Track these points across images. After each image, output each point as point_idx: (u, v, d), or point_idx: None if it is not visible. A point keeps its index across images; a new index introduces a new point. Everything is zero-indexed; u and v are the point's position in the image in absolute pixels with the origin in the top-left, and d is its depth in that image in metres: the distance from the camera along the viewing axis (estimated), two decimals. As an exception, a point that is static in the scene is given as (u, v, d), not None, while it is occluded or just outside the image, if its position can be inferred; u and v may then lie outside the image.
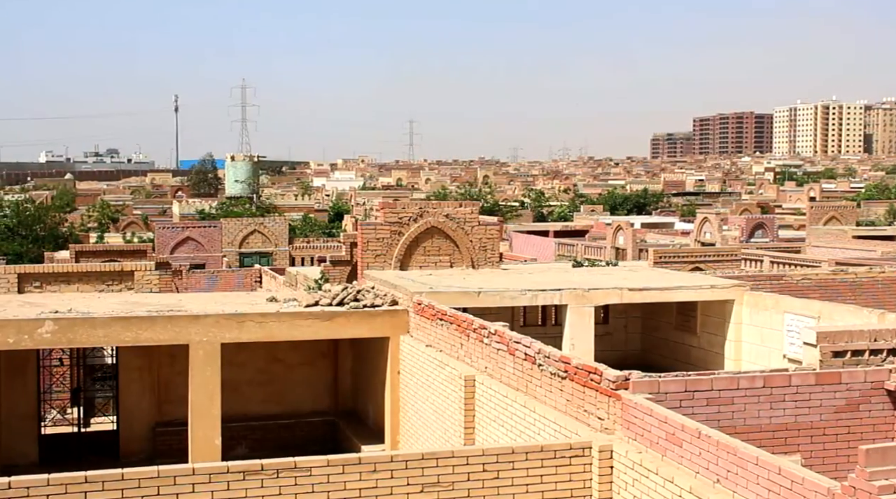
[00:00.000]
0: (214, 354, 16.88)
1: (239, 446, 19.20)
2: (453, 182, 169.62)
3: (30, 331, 16.24)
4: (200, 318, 16.92)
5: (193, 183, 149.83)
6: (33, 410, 18.99)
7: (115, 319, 16.69)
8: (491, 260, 21.55)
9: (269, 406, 20.17)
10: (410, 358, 17.01)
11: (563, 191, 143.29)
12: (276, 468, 9.89)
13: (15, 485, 9.26)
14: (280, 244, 55.32)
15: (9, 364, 17.77)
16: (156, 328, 16.72)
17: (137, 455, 19.09)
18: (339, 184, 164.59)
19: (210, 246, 53.84)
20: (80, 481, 9.45)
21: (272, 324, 17.22)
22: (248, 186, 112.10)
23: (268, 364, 20.14)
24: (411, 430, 16.86)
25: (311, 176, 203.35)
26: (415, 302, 17.21)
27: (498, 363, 13.79)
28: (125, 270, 20.74)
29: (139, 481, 9.60)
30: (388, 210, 21.29)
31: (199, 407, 16.80)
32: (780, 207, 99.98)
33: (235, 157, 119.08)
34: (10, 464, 17.29)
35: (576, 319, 18.16)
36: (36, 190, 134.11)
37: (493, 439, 13.39)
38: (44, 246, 56.08)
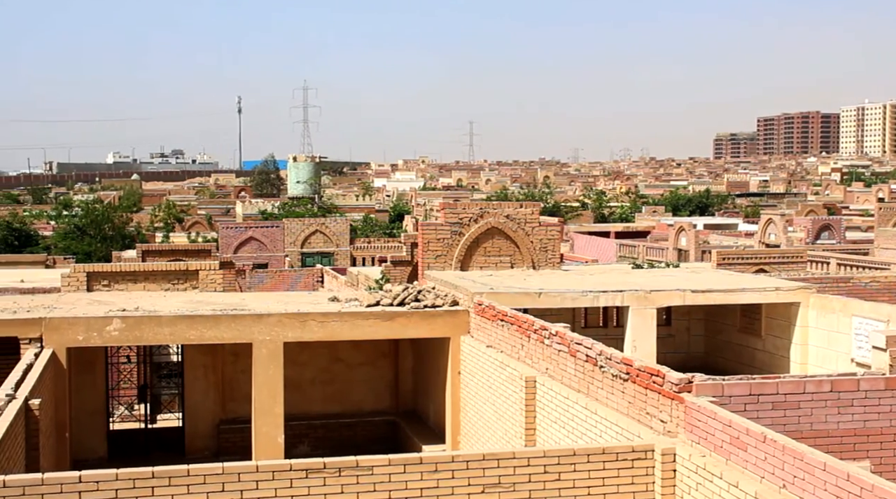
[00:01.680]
0: (277, 353, 17.07)
1: (301, 444, 19.39)
2: (513, 183, 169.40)
3: (99, 329, 16.58)
4: (263, 317, 17.12)
5: (256, 183, 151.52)
6: (102, 406, 19.36)
7: (181, 318, 16.95)
8: (551, 261, 21.48)
9: (331, 405, 20.33)
10: (471, 359, 17.02)
11: (625, 192, 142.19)
12: (338, 467, 9.97)
13: (85, 479, 9.46)
14: (341, 244, 55.73)
15: (79, 361, 18.14)
16: (220, 327, 16.95)
17: (202, 452, 19.36)
18: (400, 184, 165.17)
19: (272, 246, 54.43)
20: (148, 476, 9.62)
21: (334, 323, 17.35)
22: (309, 187, 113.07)
23: (329, 363, 20.30)
24: (472, 430, 16.87)
25: (372, 177, 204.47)
26: (475, 303, 17.22)
27: (559, 365, 13.74)
28: (190, 269, 21.00)
29: (204, 477, 9.74)
30: (449, 211, 21.32)
31: (262, 405, 17.01)
32: (847, 208, 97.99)
33: (297, 158, 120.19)
34: (80, 459, 17.66)
35: (638, 320, 18.02)
36: (104, 190, 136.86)
37: (554, 440, 13.35)
38: (112, 245, 57.17)
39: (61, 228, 67.56)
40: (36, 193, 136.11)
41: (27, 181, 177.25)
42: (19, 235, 61.83)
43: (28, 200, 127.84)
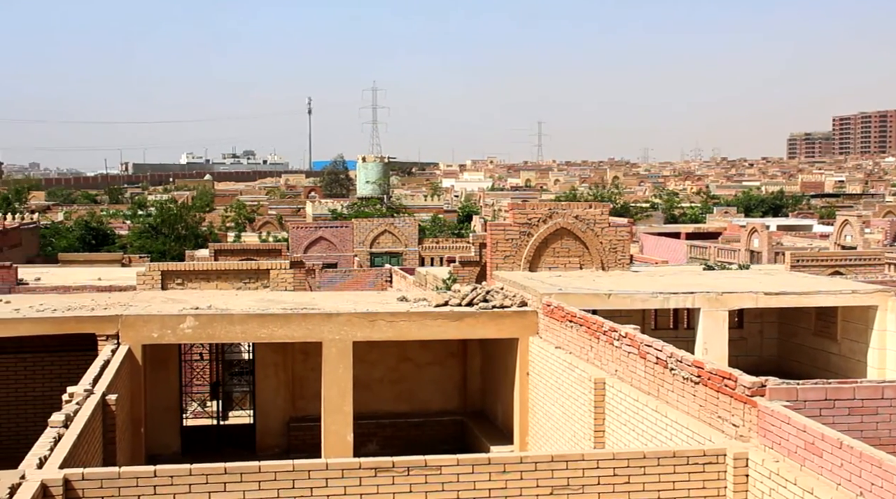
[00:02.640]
0: (346, 352, 17.21)
1: (370, 442, 19.52)
2: (582, 183, 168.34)
3: (173, 326, 16.89)
4: (333, 316, 17.27)
5: (326, 184, 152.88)
6: (176, 402, 19.71)
7: (252, 317, 17.19)
8: (621, 262, 21.31)
9: (399, 404, 20.42)
10: (539, 359, 16.97)
11: (695, 192, 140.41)
12: (406, 466, 10.02)
13: (160, 474, 9.65)
14: (410, 244, 55.96)
15: (153, 358, 18.48)
16: (290, 326, 17.15)
17: (273, 449, 19.60)
18: (468, 185, 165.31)
19: (342, 245, 54.88)
20: (220, 472, 9.78)
21: (403, 323, 17.44)
22: (378, 187, 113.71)
23: (398, 363, 20.40)
24: (540, 431, 16.81)
25: (441, 177, 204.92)
26: (544, 303, 17.15)
27: (628, 366, 13.63)
28: (261, 268, 21.28)
29: (275, 474, 9.87)
30: (518, 211, 21.27)
31: (331, 403, 17.16)
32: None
33: (366, 158, 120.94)
34: (154, 453, 18.01)
35: (709, 322, 17.79)
36: (178, 190, 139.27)
37: (623, 443, 13.24)
38: (185, 244, 58.15)
39: (136, 227, 68.91)
40: (112, 193, 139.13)
41: (104, 182, 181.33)
42: (97, 234, 63.23)
43: (105, 199, 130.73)
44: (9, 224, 47.25)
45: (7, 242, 39.61)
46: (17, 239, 43.24)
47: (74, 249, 56.54)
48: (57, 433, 11.01)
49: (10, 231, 42.83)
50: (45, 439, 10.75)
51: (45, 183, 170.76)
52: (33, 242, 49.03)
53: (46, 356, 19.30)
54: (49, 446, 10.51)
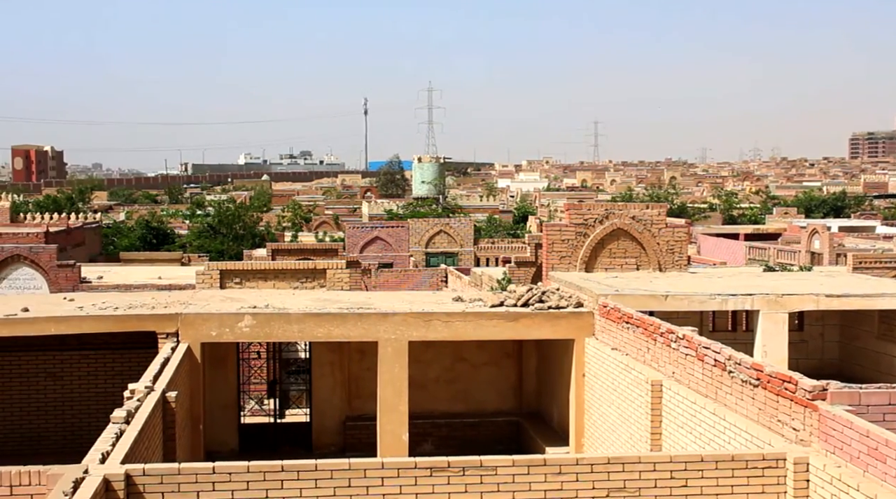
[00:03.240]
0: (402, 352, 17.27)
1: (425, 442, 19.56)
2: (639, 183, 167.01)
3: (231, 325, 17.09)
4: (389, 316, 17.34)
5: (381, 184, 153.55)
6: (234, 400, 19.94)
7: (309, 316, 17.32)
8: (678, 263, 21.11)
9: (455, 404, 20.44)
10: (595, 361, 16.87)
11: (754, 192, 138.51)
12: (462, 466, 10.03)
13: (218, 470, 9.77)
14: (465, 245, 55.96)
15: (212, 356, 18.72)
16: (346, 325, 17.26)
17: (328, 447, 19.75)
18: (524, 185, 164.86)
19: (397, 245, 55.06)
20: (277, 469, 9.87)
21: (458, 323, 17.45)
22: (434, 187, 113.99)
23: (453, 363, 20.42)
24: (596, 433, 16.72)
25: (496, 177, 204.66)
26: (600, 304, 17.06)
27: (686, 369, 13.49)
28: (318, 267, 21.43)
29: (331, 472, 9.94)
30: (574, 212, 21.18)
31: (387, 403, 17.23)
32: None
33: (422, 158, 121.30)
34: (213, 450, 18.24)
35: (768, 325, 17.53)
36: (236, 190, 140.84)
37: (680, 445, 13.11)
38: (243, 244, 58.75)
39: (195, 227, 69.83)
40: (172, 193, 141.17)
41: (164, 182, 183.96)
42: (157, 233, 64.18)
43: (165, 199, 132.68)
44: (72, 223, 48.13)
45: (71, 241, 40.39)
46: (80, 238, 44.06)
47: (135, 248, 57.47)
48: (119, 429, 11.21)
49: (73, 230, 43.65)
50: (107, 435, 10.95)
51: (108, 183, 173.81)
52: (96, 242, 49.91)
53: (108, 353, 19.66)
54: (111, 441, 10.70)
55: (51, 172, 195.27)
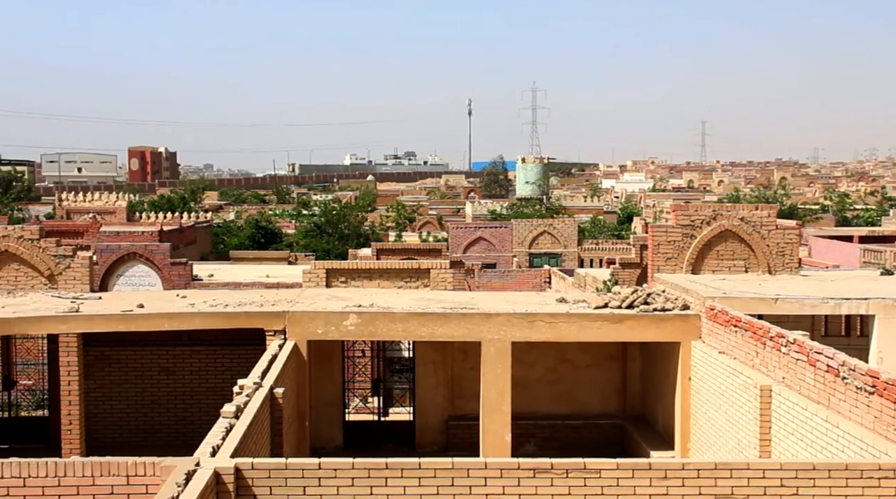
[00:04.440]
0: (505, 352, 17.27)
1: (528, 443, 19.51)
2: (747, 184, 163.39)
3: (336, 323, 17.35)
4: (492, 316, 17.36)
5: (485, 184, 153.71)
6: (339, 397, 20.24)
7: (413, 315, 17.46)
8: (789, 266, 20.57)
9: (558, 406, 20.34)
10: (702, 364, 16.57)
11: (870, 193, 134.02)
12: (565, 468, 9.96)
13: (324, 466, 9.93)
14: (569, 245, 55.65)
15: (318, 353, 19.03)
16: (450, 325, 17.34)
17: (431, 446, 19.87)
18: (629, 185, 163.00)
19: (501, 246, 55.08)
20: (382, 467, 9.97)
21: (562, 324, 17.36)
22: (537, 188, 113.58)
23: (556, 364, 20.32)
24: (702, 438, 16.42)
25: (600, 177, 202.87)
26: (707, 307, 16.75)
27: (796, 374, 13.14)
28: (422, 267, 21.57)
29: (435, 471, 9.99)
30: (680, 212, 20.84)
31: (490, 403, 17.25)
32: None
33: (526, 159, 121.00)
34: (318, 446, 18.57)
35: (885, 330, 16.93)
36: (341, 191, 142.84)
37: (790, 453, 12.78)
38: (348, 243, 59.53)
39: (302, 226, 71.06)
40: (280, 193, 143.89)
41: (272, 182, 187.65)
42: (265, 232, 65.47)
43: (273, 199, 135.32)
44: (185, 223, 49.49)
45: (183, 239, 41.54)
46: (192, 237, 45.27)
47: (245, 246, 58.73)
48: (228, 424, 11.49)
49: (185, 229, 44.88)
50: (217, 429, 11.23)
51: (218, 183, 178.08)
52: (207, 240, 51.20)
53: (218, 349, 20.19)
54: (221, 435, 10.97)
55: (165, 173, 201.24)
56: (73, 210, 55.88)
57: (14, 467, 10.04)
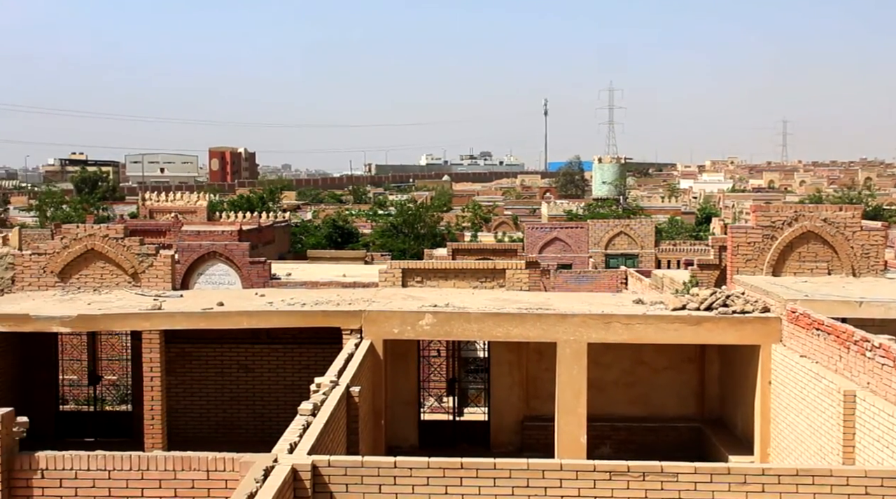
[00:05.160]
0: (581, 353, 17.17)
1: (603, 445, 19.37)
2: (830, 184, 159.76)
3: (412, 322, 17.43)
4: (568, 317, 17.27)
5: (561, 184, 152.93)
6: (414, 396, 20.33)
7: (488, 315, 17.46)
8: (874, 268, 20.07)
9: (634, 408, 20.14)
10: (783, 368, 16.25)
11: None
12: (642, 471, 9.87)
13: (400, 465, 9.98)
14: (646, 246, 55.05)
15: (394, 353, 19.14)
16: (525, 325, 17.29)
17: (506, 447, 19.85)
18: (707, 186, 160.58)
19: (577, 246, 54.72)
20: (457, 466, 9.99)
21: (638, 326, 17.19)
22: (614, 188, 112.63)
23: (633, 366, 20.12)
24: (783, 443, 16.11)
25: (678, 178, 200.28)
26: (788, 310, 16.43)
27: (882, 379, 12.81)
28: (497, 267, 21.55)
29: (510, 471, 9.97)
30: (761, 213, 20.49)
31: (565, 404, 17.16)
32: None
33: (602, 159, 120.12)
34: (394, 445, 18.68)
35: (975, 335, 16.41)
36: (417, 191, 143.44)
37: (876, 460, 12.46)
38: (424, 243, 59.74)
39: (378, 226, 71.54)
40: (356, 193, 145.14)
41: (349, 182, 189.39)
42: (342, 232, 66.08)
43: (349, 199, 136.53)
44: (263, 222, 50.21)
45: (262, 239, 42.15)
46: (270, 236, 45.91)
47: (322, 246, 59.33)
48: (306, 421, 11.62)
49: (264, 229, 45.53)
50: (295, 426, 11.38)
51: (296, 183, 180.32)
52: (285, 240, 51.87)
53: (295, 347, 20.43)
54: (299, 432, 11.11)
55: (244, 173, 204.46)
56: (156, 210, 57.13)
57: (100, 459, 10.32)
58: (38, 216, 76.11)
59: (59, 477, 10.31)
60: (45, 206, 78.89)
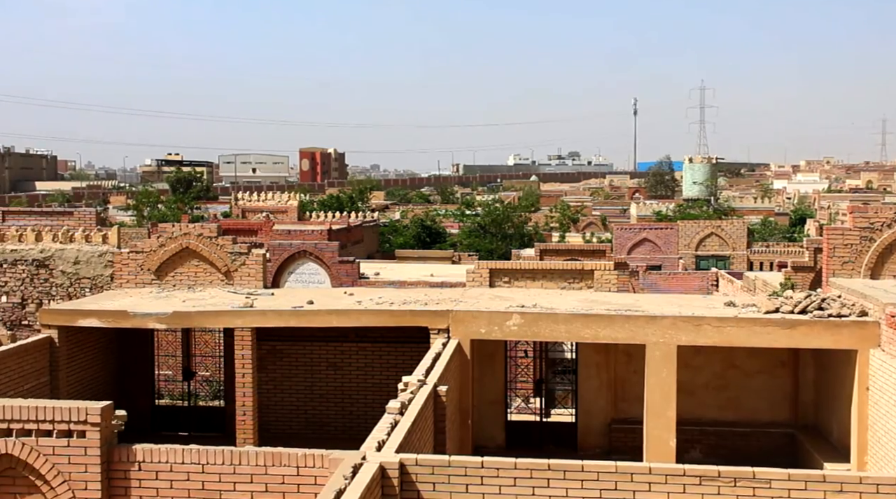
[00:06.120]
0: (670, 356, 16.93)
1: (693, 449, 19.09)
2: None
3: (499, 323, 17.42)
4: (657, 319, 17.05)
5: (650, 185, 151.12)
6: (501, 397, 20.32)
7: (576, 316, 17.34)
8: (980, 271, 19.33)
9: (724, 412, 19.79)
10: (881, 374, 15.79)
11: None
12: (733, 477, 9.70)
13: (487, 465, 9.99)
14: (737, 248, 54.05)
15: (480, 353, 19.16)
16: (614, 327, 17.13)
17: (593, 449, 19.69)
18: (802, 186, 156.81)
19: (666, 248, 54.00)
20: (544, 467, 9.96)
21: (730, 329, 16.88)
22: (705, 189, 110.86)
23: (724, 369, 19.77)
24: (881, 451, 15.64)
25: (771, 178, 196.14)
26: (888, 314, 15.94)
27: None
28: (585, 268, 21.40)
29: (598, 474, 9.90)
30: (858, 214, 19.93)
31: (654, 407, 16.96)
32: None
33: (693, 159, 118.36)
34: (480, 445, 18.70)
35: None
36: (504, 191, 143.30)
37: (979, 471, 12.01)
38: (511, 243, 59.65)
39: (466, 226, 71.65)
40: (444, 193, 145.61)
41: (436, 182, 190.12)
42: (430, 232, 66.37)
43: (437, 199, 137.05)
44: (352, 222, 50.70)
45: (351, 238, 42.60)
46: (359, 236, 46.35)
47: (410, 246, 59.67)
48: (393, 419, 11.71)
49: (353, 228, 45.98)
50: (382, 424, 11.47)
51: (385, 183, 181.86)
52: (373, 239, 52.31)
53: (383, 346, 20.61)
54: (386, 430, 11.20)
55: (333, 173, 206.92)
56: (248, 209, 58.14)
57: (194, 453, 10.57)
58: (136, 215, 78.20)
59: (156, 469, 10.59)
60: (141, 205, 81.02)
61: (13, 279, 21.47)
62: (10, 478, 10.69)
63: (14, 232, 22.18)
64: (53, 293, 21.36)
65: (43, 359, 17.85)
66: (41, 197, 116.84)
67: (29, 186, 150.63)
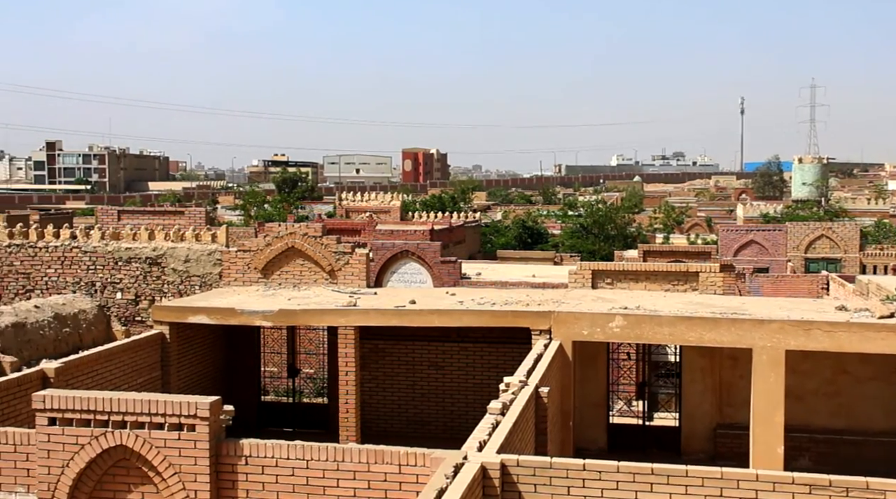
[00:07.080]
0: (778, 361, 16.53)
1: (801, 457, 18.59)
2: None
3: (602, 324, 17.26)
4: (765, 322, 16.66)
5: (758, 185, 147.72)
6: (603, 399, 20.14)
7: (680, 319, 17.07)
8: None
9: (835, 420, 19.23)
10: None
11: None
12: (845, 486, 9.41)
13: (589, 467, 9.91)
14: (850, 250, 52.41)
15: (582, 354, 19.02)
16: (719, 330, 16.80)
17: (697, 454, 19.36)
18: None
19: (774, 250, 52.70)
20: (647, 472, 9.82)
21: (841, 334, 16.39)
22: (815, 189, 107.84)
23: (834, 375, 19.21)
24: None
25: (886, 178, 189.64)
26: None
27: None
28: (690, 270, 21.05)
29: (702, 479, 9.72)
30: (981, 216, 19.14)
31: (760, 413, 16.57)
32: None
33: (803, 159, 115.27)
34: (582, 447, 18.56)
35: None
36: (607, 191, 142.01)
37: None
38: (614, 245, 59.05)
39: (568, 227, 71.21)
40: (546, 193, 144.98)
41: (538, 183, 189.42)
42: (531, 232, 66.16)
43: (539, 200, 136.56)
44: (454, 222, 50.86)
45: (453, 238, 42.74)
46: (461, 236, 46.45)
47: (511, 246, 59.57)
48: (495, 420, 11.72)
49: (455, 229, 46.10)
50: (484, 425, 11.49)
51: (486, 184, 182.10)
52: (475, 239, 52.36)
53: (485, 347, 20.64)
54: (488, 431, 11.21)
55: (436, 173, 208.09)
56: (352, 209, 58.86)
57: (299, 449, 10.76)
58: (243, 215, 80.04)
59: (262, 464, 10.82)
60: (248, 205, 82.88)
61: (127, 277, 22.21)
62: (125, 469, 11.06)
63: (129, 231, 22.93)
64: (165, 290, 22.02)
65: (155, 354, 18.42)
66: (154, 197, 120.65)
67: (142, 187, 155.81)
